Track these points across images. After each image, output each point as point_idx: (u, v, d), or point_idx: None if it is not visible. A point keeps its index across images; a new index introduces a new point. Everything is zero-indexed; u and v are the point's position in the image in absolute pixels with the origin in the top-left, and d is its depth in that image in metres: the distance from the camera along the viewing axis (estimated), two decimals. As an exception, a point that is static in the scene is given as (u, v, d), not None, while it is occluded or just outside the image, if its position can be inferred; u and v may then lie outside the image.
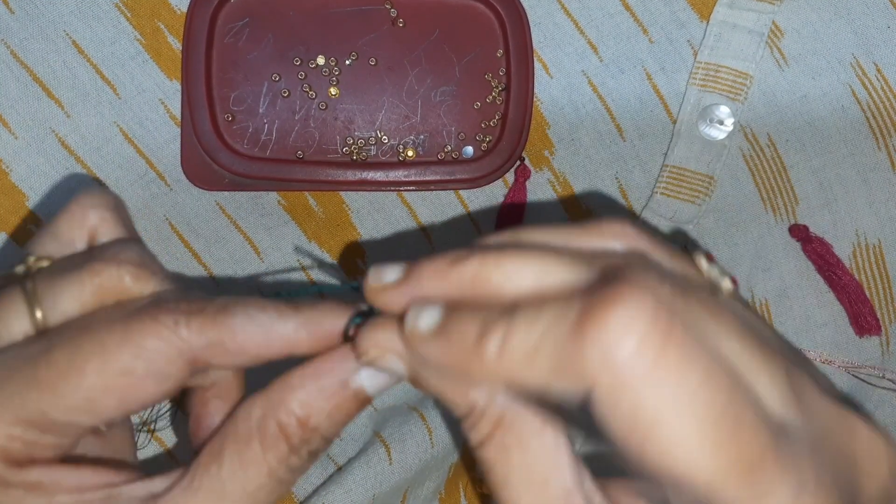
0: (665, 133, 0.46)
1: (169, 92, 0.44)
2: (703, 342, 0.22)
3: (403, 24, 0.45)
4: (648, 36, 0.45)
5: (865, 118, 0.45)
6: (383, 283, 0.27)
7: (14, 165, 0.44)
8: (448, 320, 0.25)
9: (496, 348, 0.24)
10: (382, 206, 0.46)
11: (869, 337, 0.47)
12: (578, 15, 0.45)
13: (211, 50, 0.44)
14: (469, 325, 0.25)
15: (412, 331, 0.26)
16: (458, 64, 0.45)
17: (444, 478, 0.47)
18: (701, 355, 0.22)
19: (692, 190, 0.46)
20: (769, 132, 0.46)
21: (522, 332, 0.23)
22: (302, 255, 0.46)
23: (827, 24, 0.45)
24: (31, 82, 0.43)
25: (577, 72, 0.45)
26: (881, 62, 0.45)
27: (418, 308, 0.26)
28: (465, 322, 0.25)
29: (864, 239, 0.46)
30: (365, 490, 0.45)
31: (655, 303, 0.22)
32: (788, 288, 0.47)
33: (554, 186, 0.46)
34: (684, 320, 0.22)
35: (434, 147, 0.45)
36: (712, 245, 0.47)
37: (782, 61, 0.45)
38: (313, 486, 0.47)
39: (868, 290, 0.47)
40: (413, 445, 0.46)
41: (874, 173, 0.46)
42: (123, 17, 0.44)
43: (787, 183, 0.46)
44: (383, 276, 0.27)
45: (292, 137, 0.45)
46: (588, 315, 0.22)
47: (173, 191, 0.45)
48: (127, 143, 0.44)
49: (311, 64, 0.45)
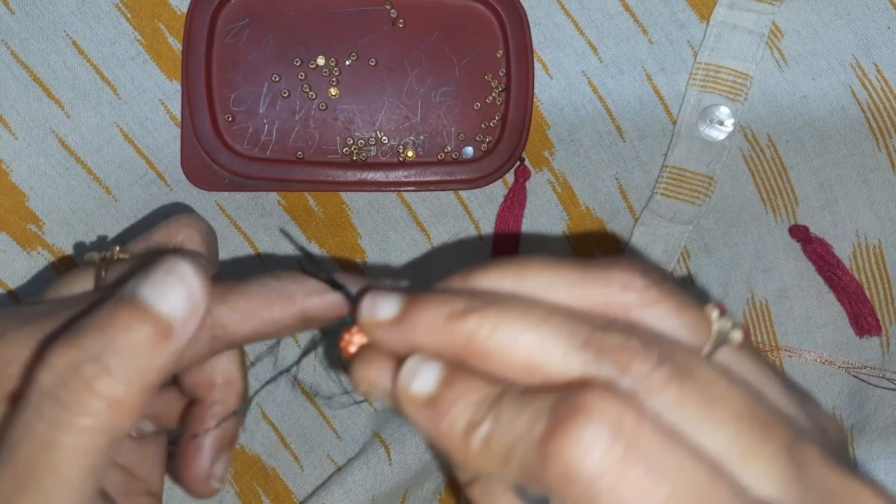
0: (665, 134, 0.46)
1: (169, 92, 0.44)
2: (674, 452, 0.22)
3: (403, 25, 0.45)
4: (648, 37, 0.45)
5: (865, 119, 0.45)
6: (376, 319, 0.26)
7: (14, 165, 0.44)
8: (442, 393, 0.25)
9: (481, 442, 0.24)
10: (382, 206, 0.46)
11: (869, 337, 0.47)
12: (578, 15, 0.45)
13: (211, 50, 0.44)
14: (461, 408, 0.24)
15: (404, 389, 0.25)
16: (458, 64, 0.45)
17: (444, 478, 0.47)
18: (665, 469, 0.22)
19: (692, 190, 0.46)
20: (769, 133, 0.46)
21: (503, 431, 0.24)
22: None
23: (827, 24, 0.45)
24: (32, 83, 0.43)
25: (577, 72, 0.45)
26: (881, 63, 0.45)
27: (415, 366, 0.25)
28: (459, 401, 0.25)
29: (864, 239, 0.46)
30: (364, 490, 0.45)
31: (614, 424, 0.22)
32: (789, 288, 0.47)
33: (554, 187, 0.46)
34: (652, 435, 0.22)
35: (434, 147, 0.45)
36: (712, 246, 0.47)
37: (782, 62, 0.45)
38: (313, 487, 0.47)
39: (868, 290, 0.47)
40: (413, 446, 0.46)
41: (874, 174, 0.46)
42: (124, 17, 0.44)
43: (788, 183, 0.46)
44: (377, 312, 0.26)
45: (292, 138, 0.45)
46: (554, 432, 0.22)
47: (173, 191, 0.45)
48: (127, 143, 0.44)
49: (311, 64, 0.45)
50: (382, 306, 0.26)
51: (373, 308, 0.26)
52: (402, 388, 0.25)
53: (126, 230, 0.45)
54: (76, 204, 0.44)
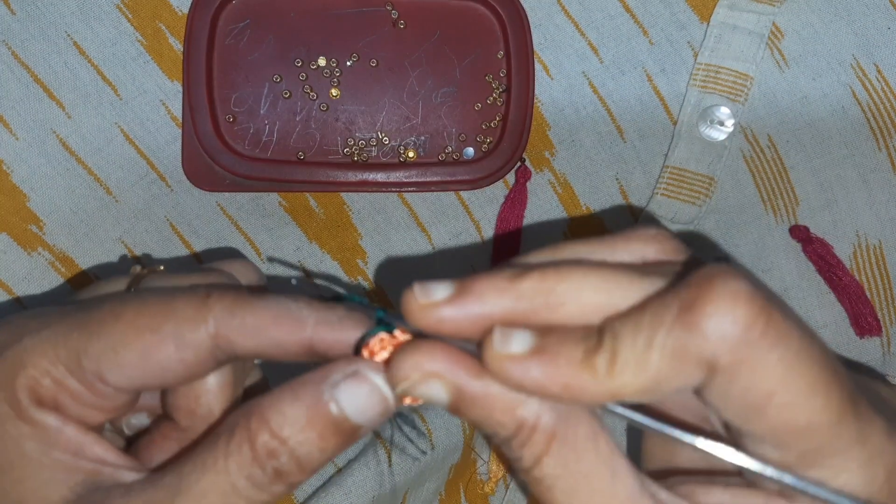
0: (665, 134, 0.46)
1: (170, 93, 0.44)
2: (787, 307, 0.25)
3: (404, 26, 0.45)
4: (649, 37, 0.45)
5: (866, 119, 0.45)
6: (433, 299, 0.25)
7: (15, 166, 0.44)
8: (545, 342, 0.25)
9: (606, 361, 0.24)
10: (383, 207, 0.46)
11: (870, 338, 0.47)
12: (579, 16, 0.45)
13: (212, 51, 0.44)
14: (571, 343, 0.25)
15: (500, 353, 0.25)
16: (459, 65, 0.45)
17: (445, 479, 0.47)
18: (794, 319, 0.24)
19: (692, 191, 0.46)
20: (769, 133, 0.46)
21: (629, 339, 0.24)
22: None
23: (827, 25, 0.45)
24: (33, 83, 0.43)
25: (578, 73, 0.45)
26: (881, 63, 0.45)
27: (506, 330, 0.25)
28: (566, 341, 0.25)
29: (864, 240, 0.46)
30: (364, 492, 0.45)
31: (748, 282, 0.24)
32: (789, 289, 0.47)
33: (554, 187, 0.46)
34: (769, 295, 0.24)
35: (435, 148, 0.45)
36: (713, 246, 0.47)
37: (782, 62, 0.45)
38: (313, 488, 0.46)
39: (869, 290, 0.47)
40: (413, 446, 0.45)
41: (875, 174, 0.46)
42: (125, 18, 0.44)
43: (788, 184, 0.46)
44: (433, 293, 0.26)
45: (293, 138, 0.45)
46: (695, 304, 0.23)
47: (174, 192, 0.45)
48: (128, 144, 0.44)
49: (312, 65, 0.45)
50: (437, 288, 0.26)
51: (426, 291, 0.26)
52: (500, 351, 0.25)
53: (127, 230, 0.45)
54: (77, 204, 0.44)
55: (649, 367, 0.24)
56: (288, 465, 0.27)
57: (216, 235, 0.46)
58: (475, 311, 0.25)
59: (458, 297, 0.25)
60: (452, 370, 0.26)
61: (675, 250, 0.27)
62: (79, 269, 0.44)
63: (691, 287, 0.24)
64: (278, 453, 0.27)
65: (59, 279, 0.44)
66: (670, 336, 0.24)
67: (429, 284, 0.26)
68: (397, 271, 0.47)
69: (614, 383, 0.24)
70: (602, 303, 0.25)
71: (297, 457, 0.27)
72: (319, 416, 0.27)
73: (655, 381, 0.24)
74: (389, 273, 0.47)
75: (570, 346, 0.25)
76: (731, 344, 0.23)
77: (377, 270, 0.47)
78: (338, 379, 0.27)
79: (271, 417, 0.27)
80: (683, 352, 0.24)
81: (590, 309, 0.25)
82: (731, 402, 0.24)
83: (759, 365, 0.23)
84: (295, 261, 0.46)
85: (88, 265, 0.45)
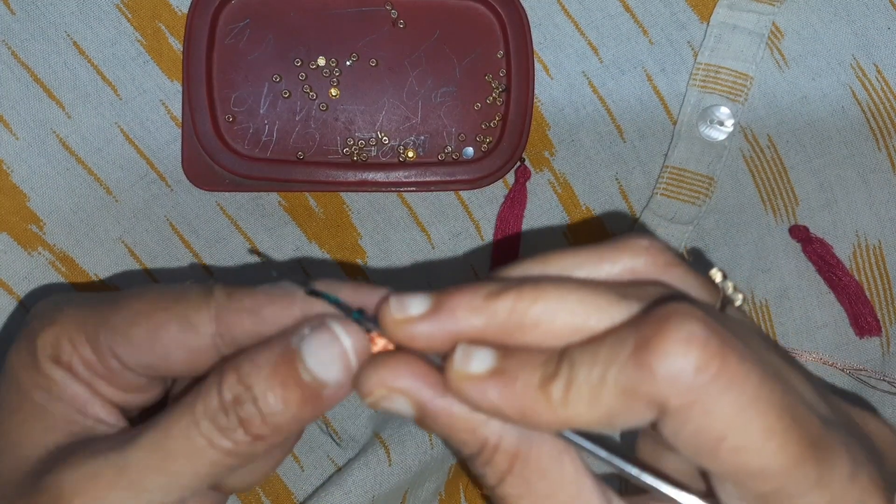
0: (665, 134, 0.46)
1: (170, 93, 0.44)
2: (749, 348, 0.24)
3: (404, 26, 0.45)
4: (649, 37, 0.45)
5: (865, 119, 0.45)
6: (407, 315, 0.26)
7: (15, 166, 0.44)
8: (505, 363, 0.25)
9: (561, 391, 0.24)
10: (383, 206, 0.46)
11: (869, 338, 0.47)
12: (579, 16, 0.45)
13: (212, 51, 0.44)
14: (530, 368, 0.25)
15: (460, 372, 0.25)
16: (459, 65, 0.45)
17: (444, 479, 0.47)
18: (753, 359, 0.24)
19: (692, 191, 0.46)
20: (769, 133, 0.46)
21: (585, 370, 0.24)
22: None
23: (827, 25, 0.45)
24: (32, 83, 0.44)
25: (578, 73, 0.45)
26: (881, 63, 0.45)
27: (468, 348, 0.25)
28: (526, 365, 0.25)
29: (864, 240, 0.46)
30: (364, 491, 0.45)
31: (704, 324, 0.23)
32: (789, 289, 0.47)
33: (554, 187, 0.46)
34: (731, 332, 0.24)
35: (434, 148, 0.45)
36: (712, 246, 0.47)
37: (782, 62, 0.45)
38: (313, 487, 0.47)
39: (868, 291, 0.47)
40: (413, 447, 0.45)
41: (874, 174, 0.46)
42: (124, 17, 0.44)
43: (788, 184, 0.46)
44: (408, 308, 0.26)
45: (293, 138, 0.45)
46: (649, 344, 0.23)
47: (174, 191, 0.45)
48: (128, 143, 0.44)
49: (311, 65, 0.45)
50: (412, 302, 0.26)
51: (402, 305, 0.26)
52: (460, 370, 0.25)
53: (127, 230, 0.45)
54: (77, 204, 0.44)
55: (601, 401, 0.24)
56: (251, 413, 0.27)
57: (216, 235, 0.46)
58: (448, 329, 0.25)
59: (433, 313, 0.25)
60: (416, 387, 0.26)
61: (666, 263, 0.27)
62: (79, 269, 0.45)
63: (648, 325, 0.24)
64: (242, 400, 0.27)
65: (59, 279, 0.45)
66: (622, 373, 0.24)
67: (405, 298, 0.26)
68: (397, 271, 0.47)
69: (567, 413, 0.24)
70: (577, 324, 0.25)
71: (261, 406, 0.27)
72: (283, 365, 0.27)
73: (608, 416, 0.24)
74: (389, 273, 0.47)
75: (528, 371, 0.25)
76: (682, 387, 0.23)
77: (377, 270, 0.47)
78: (306, 332, 0.27)
79: (242, 364, 0.28)
80: (634, 391, 0.23)
81: (564, 331, 0.25)
82: (684, 442, 0.24)
83: (710, 408, 0.23)
84: (295, 262, 0.46)
85: (88, 265, 0.45)
